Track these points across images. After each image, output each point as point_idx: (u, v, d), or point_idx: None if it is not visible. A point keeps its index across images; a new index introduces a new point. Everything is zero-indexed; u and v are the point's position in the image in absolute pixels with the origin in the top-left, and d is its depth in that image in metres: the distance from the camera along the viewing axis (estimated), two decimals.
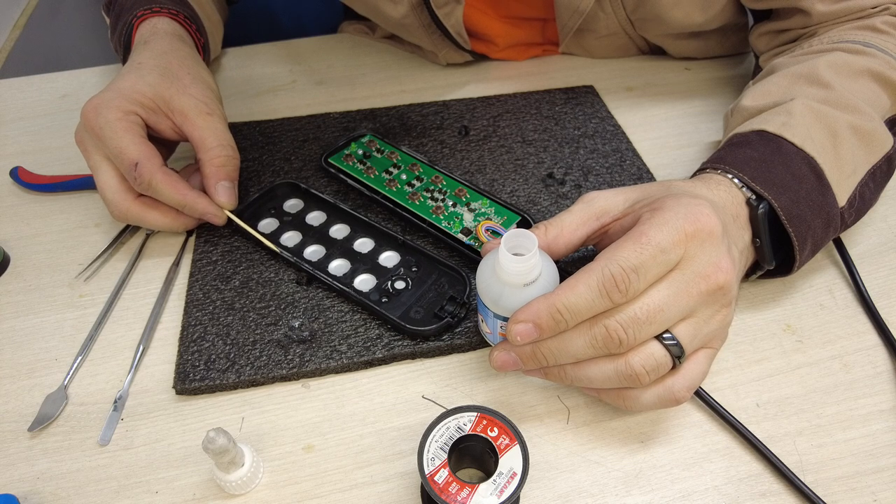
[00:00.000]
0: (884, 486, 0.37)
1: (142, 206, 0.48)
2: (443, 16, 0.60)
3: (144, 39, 0.53)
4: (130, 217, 0.48)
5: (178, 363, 0.42)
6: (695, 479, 0.37)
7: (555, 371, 0.37)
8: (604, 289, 0.33)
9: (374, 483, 0.37)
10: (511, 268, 0.34)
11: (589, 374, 0.35)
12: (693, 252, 0.34)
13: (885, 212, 0.53)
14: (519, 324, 0.34)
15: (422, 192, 0.52)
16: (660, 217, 0.35)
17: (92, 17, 1.17)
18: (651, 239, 0.33)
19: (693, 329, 0.35)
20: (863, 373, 0.42)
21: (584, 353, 0.35)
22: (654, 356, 0.34)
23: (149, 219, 0.48)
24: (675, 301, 0.34)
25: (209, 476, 0.38)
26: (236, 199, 0.50)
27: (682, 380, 0.35)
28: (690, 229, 0.34)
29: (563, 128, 0.61)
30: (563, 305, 0.33)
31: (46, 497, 0.37)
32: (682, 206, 0.35)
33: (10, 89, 0.70)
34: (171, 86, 0.49)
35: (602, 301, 0.33)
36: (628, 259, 0.33)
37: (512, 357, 0.37)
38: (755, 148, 0.43)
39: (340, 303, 0.46)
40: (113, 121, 0.46)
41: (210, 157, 0.48)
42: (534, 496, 0.37)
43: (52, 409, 0.41)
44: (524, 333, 0.34)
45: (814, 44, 0.52)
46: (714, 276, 0.34)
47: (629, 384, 0.35)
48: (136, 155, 0.45)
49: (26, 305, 0.47)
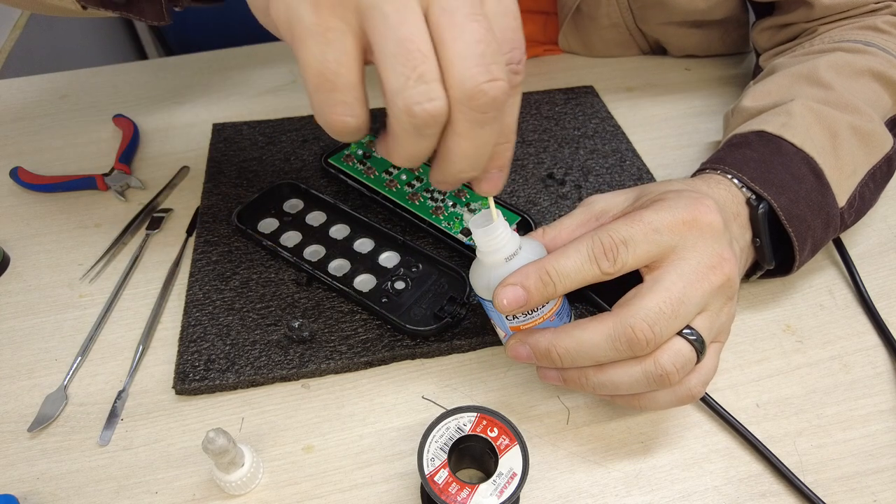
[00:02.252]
0: (884, 486, 0.37)
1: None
2: None
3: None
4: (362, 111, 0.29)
5: (178, 363, 0.42)
6: (695, 480, 0.37)
7: (575, 376, 0.35)
8: (593, 255, 0.33)
9: (373, 483, 0.37)
10: (484, 244, 0.34)
11: (614, 378, 0.34)
12: (693, 241, 0.34)
13: (885, 212, 0.53)
14: (507, 286, 0.33)
15: (422, 193, 0.52)
16: (658, 204, 0.35)
17: (92, 17, 1.17)
18: (644, 216, 0.34)
19: (709, 322, 0.34)
20: (863, 373, 0.42)
21: (604, 354, 0.33)
22: (681, 353, 0.33)
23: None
24: (691, 293, 0.33)
25: (209, 476, 0.38)
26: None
27: (697, 375, 0.34)
28: (688, 217, 0.34)
29: (563, 128, 0.61)
30: (551, 267, 0.33)
31: (46, 497, 0.37)
32: (683, 197, 0.35)
33: (10, 89, 0.70)
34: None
35: (591, 266, 0.33)
36: (619, 231, 0.33)
37: (526, 349, 0.36)
38: (755, 148, 0.43)
39: (340, 303, 0.46)
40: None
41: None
42: (534, 496, 0.37)
43: (51, 409, 0.41)
44: (511, 296, 0.33)
45: (815, 44, 0.52)
46: (720, 268, 0.34)
47: (659, 386, 0.33)
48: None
49: (26, 305, 0.47)
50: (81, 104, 0.67)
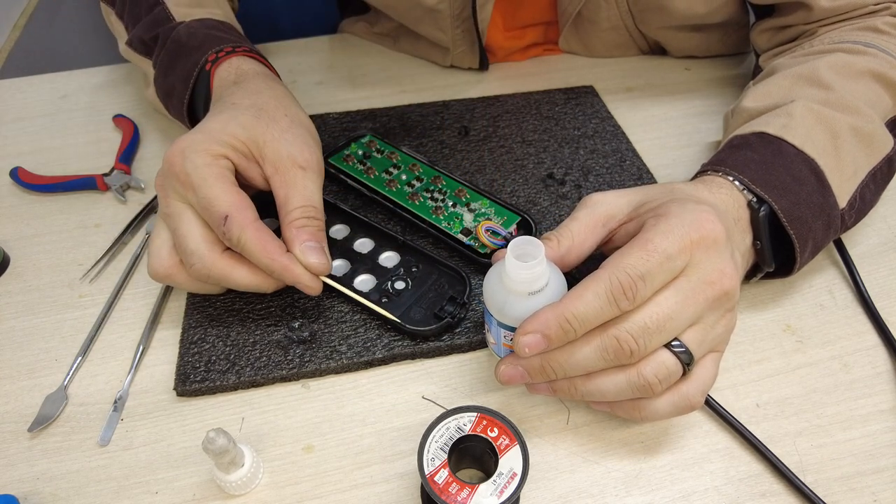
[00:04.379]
0: (884, 486, 0.37)
1: (229, 262, 0.41)
2: (480, 4, 0.61)
3: (232, 80, 0.49)
4: (214, 273, 0.40)
5: (179, 365, 0.42)
6: (695, 480, 0.37)
7: (564, 385, 0.36)
8: (612, 296, 0.33)
9: (373, 483, 0.37)
10: (517, 275, 0.34)
11: (600, 386, 0.35)
12: (698, 259, 0.34)
13: (885, 212, 0.53)
14: (527, 335, 0.34)
15: (422, 193, 0.52)
16: (665, 224, 0.34)
17: (92, 17, 1.17)
18: (657, 246, 0.33)
19: (700, 335, 0.35)
20: (863, 373, 0.42)
21: (593, 364, 0.34)
22: (665, 365, 0.34)
23: (235, 276, 0.41)
24: (683, 308, 0.34)
25: (209, 476, 0.38)
26: (329, 260, 0.42)
27: (695, 385, 0.35)
28: (696, 236, 0.34)
29: (563, 128, 0.61)
30: (571, 314, 0.33)
31: (46, 497, 0.37)
32: (688, 212, 0.35)
33: (10, 89, 0.70)
34: (266, 129, 0.43)
35: (610, 309, 0.33)
36: (635, 266, 0.33)
37: (519, 371, 0.36)
38: (756, 150, 0.43)
39: (340, 303, 0.46)
40: (201, 166, 0.40)
41: (290, 218, 0.41)
42: (534, 496, 0.37)
43: (51, 409, 0.41)
44: (532, 344, 0.34)
45: (815, 44, 0.52)
46: (720, 283, 0.34)
47: (642, 394, 0.35)
48: (227, 206, 0.39)
49: (26, 305, 0.47)
50: (81, 104, 0.67)
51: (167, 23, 0.54)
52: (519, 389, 0.42)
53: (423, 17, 0.64)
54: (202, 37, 0.51)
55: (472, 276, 0.46)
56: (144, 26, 0.56)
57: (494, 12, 0.65)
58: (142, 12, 0.57)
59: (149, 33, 0.55)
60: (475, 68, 0.69)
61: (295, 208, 0.41)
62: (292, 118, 0.45)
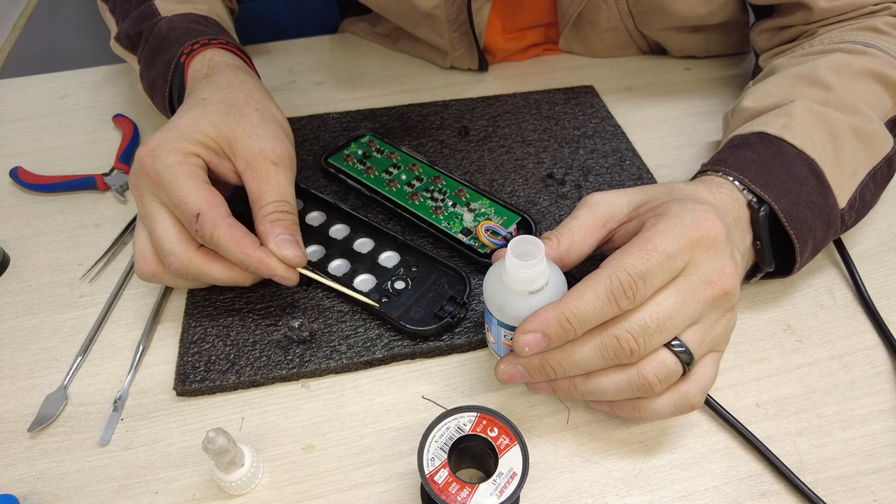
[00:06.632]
0: (884, 486, 0.37)
1: (204, 258, 0.42)
2: (476, 9, 0.61)
3: (204, 74, 0.48)
4: (191, 270, 0.41)
5: (179, 365, 0.42)
6: (695, 479, 0.37)
7: (564, 385, 0.36)
8: (612, 295, 0.33)
9: (373, 483, 0.37)
10: (517, 274, 0.34)
11: (600, 385, 0.35)
12: (698, 258, 0.34)
13: (885, 212, 0.53)
14: (527, 334, 0.34)
15: (422, 193, 0.52)
16: (665, 223, 0.35)
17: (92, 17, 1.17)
18: (657, 245, 0.33)
19: (700, 335, 0.35)
20: (863, 373, 0.42)
21: (593, 363, 0.34)
22: (665, 364, 0.34)
23: (211, 272, 0.42)
24: (683, 308, 0.34)
25: (209, 476, 0.38)
26: (304, 252, 0.42)
27: (695, 385, 0.35)
28: (696, 235, 0.34)
29: (563, 128, 0.61)
30: (571, 313, 0.33)
31: (46, 497, 0.37)
32: (688, 211, 0.35)
33: (10, 89, 0.70)
34: (236, 125, 0.43)
35: (610, 308, 0.33)
36: (635, 266, 0.33)
37: (519, 370, 0.36)
38: (755, 150, 0.43)
39: (340, 303, 0.46)
40: (172, 165, 0.40)
41: (264, 213, 0.42)
42: (534, 496, 0.37)
43: (51, 409, 0.41)
44: (532, 343, 0.34)
45: (814, 44, 0.52)
46: (720, 283, 0.34)
47: (641, 394, 0.35)
48: (199, 204, 0.40)
49: (26, 305, 0.47)
50: (81, 104, 0.67)
51: (152, 18, 0.54)
52: (519, 389, 0.42)
53: (420, 21, 0.64)
54: (181, 30, 0.52)
55: (471, 276, 0.46)
56: (131, 21, 0.56)
57: (493, 15, 0.65)
58: (131, 7, 0.57)
59: (134, 28, 0.55)
60: (475, 69, 0.69)
61: (268, 203, 0.42)
62: (263, 112, 0.45)
